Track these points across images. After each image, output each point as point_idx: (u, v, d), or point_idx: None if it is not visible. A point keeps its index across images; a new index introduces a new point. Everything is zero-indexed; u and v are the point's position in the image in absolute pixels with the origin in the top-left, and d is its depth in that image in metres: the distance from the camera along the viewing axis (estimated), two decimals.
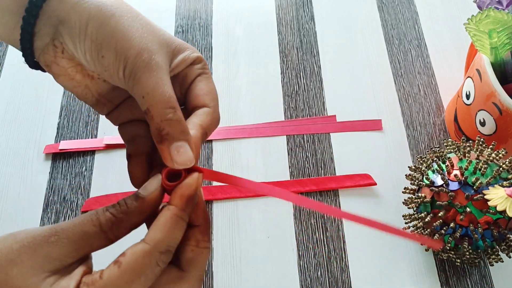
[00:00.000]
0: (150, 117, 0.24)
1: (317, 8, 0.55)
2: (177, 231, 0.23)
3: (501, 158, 0.35)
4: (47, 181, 0.45)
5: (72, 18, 0.24)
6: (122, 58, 0.24)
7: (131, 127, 0.29)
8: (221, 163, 0.45)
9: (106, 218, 0.23)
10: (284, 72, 0.51)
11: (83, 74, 0.27)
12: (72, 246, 0.22)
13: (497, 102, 0.37)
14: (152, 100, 0.24)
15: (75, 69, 0.26)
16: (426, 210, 0.36)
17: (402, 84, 0.50)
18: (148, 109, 0.24)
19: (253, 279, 0.40)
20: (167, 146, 0.24)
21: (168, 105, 0.24)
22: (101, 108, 0.29)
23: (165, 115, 0.24)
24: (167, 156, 0.24)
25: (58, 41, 0.25)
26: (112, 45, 0.24)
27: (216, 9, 0.55)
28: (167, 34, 0.26)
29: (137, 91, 0.24)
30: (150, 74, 0.24)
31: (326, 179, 0.44)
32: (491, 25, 0.36)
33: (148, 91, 0.24)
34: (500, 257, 0.35)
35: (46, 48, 0.25)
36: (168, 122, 0.24)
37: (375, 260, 0.41)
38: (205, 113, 0.26)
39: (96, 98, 0.28)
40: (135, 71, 0.24)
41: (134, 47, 0.24)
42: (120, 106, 0.29)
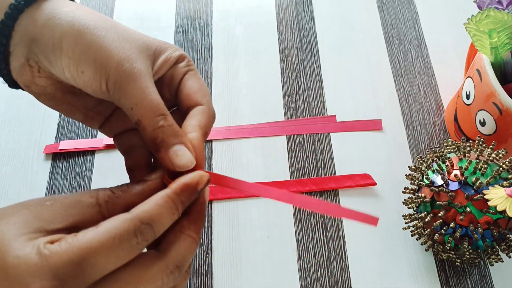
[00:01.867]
0: (142, 128, 0.24)
1: (317, 8, 0.55)
2: (164, 210, 0.22)
3: (501, 158, 0.35)
4: (47, 181, 0.45)
5: (44, 36, 0.23)
6: (102, 71, 0.23)
7: (126, 138, 0.28)
8: (221, 163, 0.45)
9: (104, 192, 0.23)
10: (284, 72, 0.51)
11: (63, 91, 0.26)
12: (64, 211, 0.22)
13: (497, 102, 0.37)
14: (141, 110, 0.23)
15: (54, 87, 0.26)
16: (426, 210, 0.36)
17: (402, 84, 0.50)
18: (140, 120, 0.23)
19: (253, 279, 0.40)
20: (165, 153, 0.24)
21: (158, 113, 0.24)
22: (91, 122, 0.28)
23: (156, 123, 0.23)
24: (167, 162, 0.24)
25: (33, 60, 0.24)
26: (90, 59, 0.23)
27: (216, 9, 0.55)
28: (145, 37, 0.26)
29: (124, 103, 0.23)
30: (135, 84, 0.23)
31: (326, 179, 0.44)
32: (491, 25, 0.36)
33: (136, 102, 0.23)
34: (500, 257, 0.35)
35: (23, 69, 0.25)
36: (161, 130, 0.24)
37: (375, 260, 0.41)
38: (201, 112, 0.26)
39: (83, 113, 0.27)
40: (119, 82, 0.23)
41: (113, 57, 0.23)
42: (111, 118, 0.28)
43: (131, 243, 0.21)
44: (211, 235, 0.42)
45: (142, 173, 0.28)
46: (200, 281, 0.40)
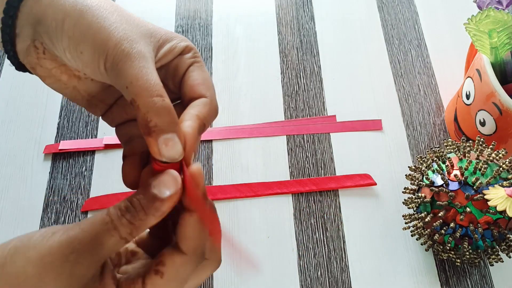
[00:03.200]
0: (136, 107, 0.22)
1: (317, 8, 0.55)
2: (202, 233, 0.24)
3: (501, 158, 0.35)
4: (47, 181, 0.45)
5: (48, 17, 0.23)
6: (101, 51, 0.22)
7: (127, 128, 0.28)
8: (221, 163, 0.45)
9: (124, 226, 0.22)
10: (284, 72, 0.51)
11: (68, 74, 0.26)
12: (94, 259, 0.21)
13: (497, 102, 0.37)
14: (136, 89, 0.22)
15: (59, 69, 0.25)
16: (426, 210, 0.36)
17: (402, 84, 0.50)
18: (134, 99, 0.22)
19: (253, 279, 0.40)
20: (155, 138, 0.22)
21: (155, 93, 0.22)
22: (94, 109, 0.28)
23: (153, 104, 0.22)
24: (154, 149, 0.22)
25: (38, 41, 0.24)
26: (89, 39, 0.23)
27: (216, 9, 0.55)
28: (150, 25, 0.25)
29: (119, 82, 0.22)
30: (132, 63, 0.22)
31: (326, 179, 0.44)
32: (491, 25, 0.36)
33: (131, 80, 0.22)
34: (500, 257, 0.35)
35: (28, 50, 0.24)
36: (157, 112, 0.22)
37: (375, 260, 0.41)
38: (203, 104, 0.25)
39: (86, 99, 0.27)
40: (116, 61, 0.22)
41: (112, 38, 0.22)
42: (114, 107, 0.28)
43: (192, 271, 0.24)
44: None
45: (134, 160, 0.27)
46: None
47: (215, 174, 0.45)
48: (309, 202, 0.43)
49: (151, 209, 0.22)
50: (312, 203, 0.43)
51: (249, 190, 0.44)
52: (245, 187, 0.44)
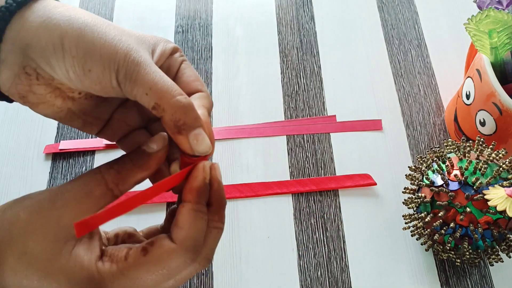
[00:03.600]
0: (161, 110, 0.23)
1: (317, 8, 0.55)
2: (198, 223, 0.24)
3: (501, 158, 0.35)
4: (47, 181, 0.45)
5: (41, 39, 0.22)
6: (111, 65, 0.23)
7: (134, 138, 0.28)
8: (221, 163, 0.45)
9: (111, 175, 0.23)
10: (284, 72, 0.51)
11: (63, 97, 0.25)
12: (80, 208, 0.22)
13: (497, 102, 0.37)
14: (157, 93, 0.22)
15: (53, 94, 0.24)
16: (426, 210, 0.36)
17: (402, 84, 0.50)
18: (157, 103, 0.22)
19: (253, 279, 0.40)
20: (186, 136, 0.23)
21: (176, 93, 0.23)
22: (90, 127, 0.27)
23: (178, 103, 0.23)
24: (186, 146, 0.23)
25: (30, 67, 0.23)
26: (96, 56, 0.22)
27: (216, 9, 0.55)
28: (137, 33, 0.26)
29: (138, 91, 0.23)
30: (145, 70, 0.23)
31: (326, 179, 0.44)
32: (491, 25, 0.36)
33: (150, 86, 0.23)
34: (500, 257, 0.35)
35: (18, 78, 0.23)
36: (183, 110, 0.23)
37: (375, 260, 0.41)
38: (203, 97, 0.26)
39: (82, 119, 0.26)
40: (129, 73, 0.23)
41: (120, 50, 0.23)
42: (111, 122, 0.28)
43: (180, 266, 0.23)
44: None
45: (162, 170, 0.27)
46: (200, 281, 0.40)
47: None
48: (309, 202, 0.43)
49: (138, 160, 0.23)
50: (312, 203, 0.43)
51: (249, 190, 0.44)
52: (245, 187, 0.44)
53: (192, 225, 0.23)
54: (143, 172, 0.24)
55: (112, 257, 0.23)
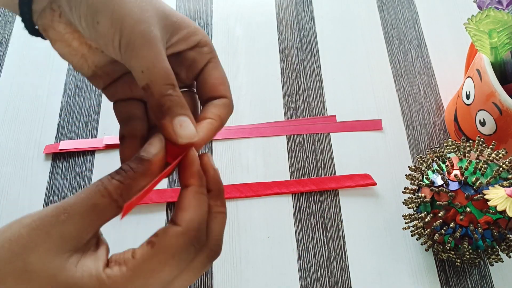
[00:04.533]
0: (149, 93, 0.23)
1: (317, 8, 0.55)
2: (203, 205, 0.23)
3: (501, 158, 0.35)
4: (47, 181, 0.45)
5: None
6: (118, 26, 0.23)
7: (127, 106, 0.28)
8: (221, 163, 0.45)
9: (114, 186, 0.22)
10: (284, 72, 0.51)
11: (80, 41, 0.26)
12: (85, 221, 0.21)
13: (497, 102, 0.37)
14: (152, 76, 0.23)
15: (72, 35, 0.25)
16: (426, 210, 0.36)
17: (402, 84, 0.50)
18: (148, 85, 0.23)
19: (253, 279, 0.40)
20: (169, 121, 0.23)
21: (168, 81, 0.23)
22: (97, 81, 0.27)
23: (165, 91, 0.23)
24: (170, 131, 0.23)
25: (56, 4, 0.24)
26: (108, 11, 0.22)
27: (216, 9, 0.55)
28: (167, 7, 0.25)
29: (135, 64, 0.23)
30: (150, 47, 0.23)
31: (326, 179, 0.44)
32: (491, 25, 0.36)
33: (148, 66, 0.23)
34: (500, 257, 0.35)
35: (44, 12, 0.24)
36: (169, 98, 0.23)
37: (375, 260, 0.41)
38: (224, 105, 0.26)
39: (92, 69, 0.27)
40: (132, 42, 0.23)
41: (132, 15, 0.23)
42: (118, 81, 0.28)
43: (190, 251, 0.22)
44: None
45: (134, 144, 0.27)
46: (200, 281, 0.40)
47: None
48: (309, 202, 0.43)
49: (139, 168, 0.22)
50: (312, 203, 0.43)
51: (249, 190, 0.44)
52: (245, 187, 0.44)
53: (197, 207, 0.23)
54: (146, 178, 0.23)
55: (118, 261, 0.22)
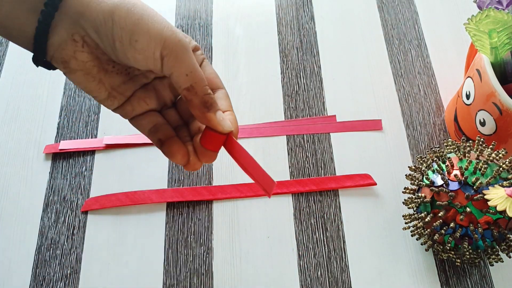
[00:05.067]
0: (193, 93, 0.27)
1: (317, 8, 0.55)
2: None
3: (501, 158, 0.35)
4: (47, 181, 0.45)
5: (93, 11, 0.25)
6: (157, 39, 0.26)
7: (149, 117, 0.31)
8: (221, 163, 0.45)
9: None
10: (284, 72, 0.51)
11: (99, 68, 0.28)
12: None
13: (497, 102, 0.37)
14: (195, 78, 0.27)
15: (93, 62, 0.27)
16: (426, 210, 0.36)
17: (402, 84, 0.50)
18: (192, 86, 0.27)
19: (253, 279, 0.40)
20: (215, 113, 0.28)
21: (206, 83, 0.28)
22: (112, 102, 0.30)
23: (206, 90, 0.28)
24: (216, 124, 0.28)
25: (79, 35, 0.26)
26: (144, 29, 0.26)
27: (216, 9, 0.55)
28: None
29: (179, 70, 0.27)
30: (190, 54, 0.27)
31: (326, 179, 0.44)
32: (491, 25, 0.36)
33: (192, 70, 0.27)
34: (500, 257, 0.35)
35: (64, 44, 0.26)
36: (210, 96, 0.28)
37: (375, 260, 0.41)
38: (227, 96, 0.31)
39: (108, 92, 0.29)
40: (175, 51, 0.26)
41: (167, 29, 0.26)
42: (132, 99, 0.30)
43: None
44: (211, 235, 0.42)
45: (176, 141, 0.30)
46: (200, 281, 0.40)
47: (215, 174, 0.45)
48: (309, 202, 0.43)
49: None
50: (312, 203, 0.43)
51: (249, 190, 0.44)
52: (245, 187, 0.44)
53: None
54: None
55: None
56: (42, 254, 0.41)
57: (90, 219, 0.43)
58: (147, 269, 0.41)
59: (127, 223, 0.42)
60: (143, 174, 0.45)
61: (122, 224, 0.42)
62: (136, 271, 0.41)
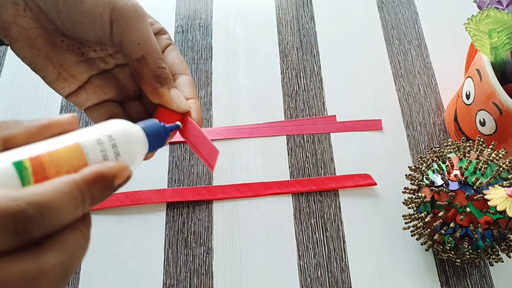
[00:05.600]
0: (145, 65, 0.24)
1: (317, 8, 0.55)
2: (66, 199, 0.18)
3: (501, 158, 0.35)
4: None
5: None
6: (106, 1, 0.23)
7: (105, 108, 0.28)
8: (221, 163, 0.45)
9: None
10: (284, 72, 0.51)
11: (44, 39, 0.25)
12: None
13: (497, 102, 0.37)
14: (148, 48, 0.24)
15: (36, 31, 0.24)
16: (426, 210, 0.36)
17: (402, 84, 0.50)
18: (144, 56, 0.24)
19: (253, 279, 0.40)
20: (168, 89, 0.25)
21: (160, 56, 0.25)
22: (62, 84, 0.26)
23: (159, 63, 0.25)
24: (169, 100, 0.25)
25: None
26: None
27: (216, 9, 0.55)
28: None
29: (130, 36, 0.24)
30: (144, 21, 0.24)
31: (326, 179, 0.44)
32: (491, 25, 0.36)
33: (145, 39, 0.24)
34: (500, 257, 0.35)
35: (4, 7, 0.23)
36: (164, 70, 0.25)
37: (375, 260, 0.41)
38: (191, 83, 0.28)
39: (58, 71, 0.26)
40: (126, 14, 0.23)
41: None
42: (88, 86, 0.27)
43: (8, 230, 0.15)
44: (211, 235, 0.42)
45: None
46: (200, 281, 0.40)
47: (215, 174, 0.45)
48: (309, 202, 0.43)
49: None
50: (312, 203, 0.43)
51: (249, 190, 0.44)
52: (245, 187, 0.44)
53: (59, 191, 0.17)
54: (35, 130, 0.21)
55: None
56: None
57: None
58: (147, 269, 0.41)
59: (127, 223, 0.42)
60: (143, 174, 0.45)
61: (122, 224, 0.42)
62: (136, 271, 0.41)
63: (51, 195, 0.16)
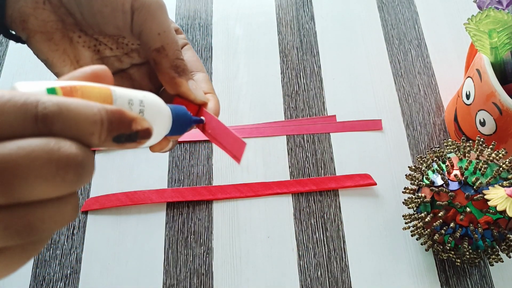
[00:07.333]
0: (164, 55, 0.24)
1: (317, 8, 0.55)
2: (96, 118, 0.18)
3: (501, 158, 0.35)
4: None
5: None
6: None
7: None
8: (221, 163, 0.45)
9: None
10: (284, 72, 0.51)
11: (62, 33, 0.25)
12: None
13: (497, 102, 0.37)
14: (167, 39, 0.24)
15: (55, 24, 0.24)
16: (426, 210, 0.36)
17: (402, 84, 0.50)
18: (164, 47, 0.24)
19: (253, 279, 0.40)
20: (186, 80, 0.25)
21: (179, 47, 0.25)
22: None
23: (178, 54, 0.25)
24: (187, 90, 0.25)
25: None
26: None
27: (216, 9, 0.55)
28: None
29: (151, 26, 0.24)
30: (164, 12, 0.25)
31: (326, 179, 0.44)
32: (491, 25, 0.35)
33: (165, 30, 0.24)
34: (500, 257, 0.35)
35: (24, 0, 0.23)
36: (182, 62, 0.25)
37: (375, 260, 0.41)
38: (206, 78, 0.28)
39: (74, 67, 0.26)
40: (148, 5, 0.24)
41: None
42: None
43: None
44: (211, 235, 0.42)
45: None
46: (200, 281, 0.40)
47: (215, 174, 0.45)
48: (309, 202, 0.43)
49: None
50: (312, 203, 0.43)
51: (249, 190, 0.44)
52: (245, 187, 0.44)
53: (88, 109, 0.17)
54: None
55: None
56: (42, 254, 0.41)
57: (90, 219, 0.43)
58: (147, 269, 0.41)
59: (127, 223, 0.42)
60: (143, 174, 0.45)
61: (122, 224, 0.42)
62: (136, 271, 0.41)
63: (74, 102, 0.16)
